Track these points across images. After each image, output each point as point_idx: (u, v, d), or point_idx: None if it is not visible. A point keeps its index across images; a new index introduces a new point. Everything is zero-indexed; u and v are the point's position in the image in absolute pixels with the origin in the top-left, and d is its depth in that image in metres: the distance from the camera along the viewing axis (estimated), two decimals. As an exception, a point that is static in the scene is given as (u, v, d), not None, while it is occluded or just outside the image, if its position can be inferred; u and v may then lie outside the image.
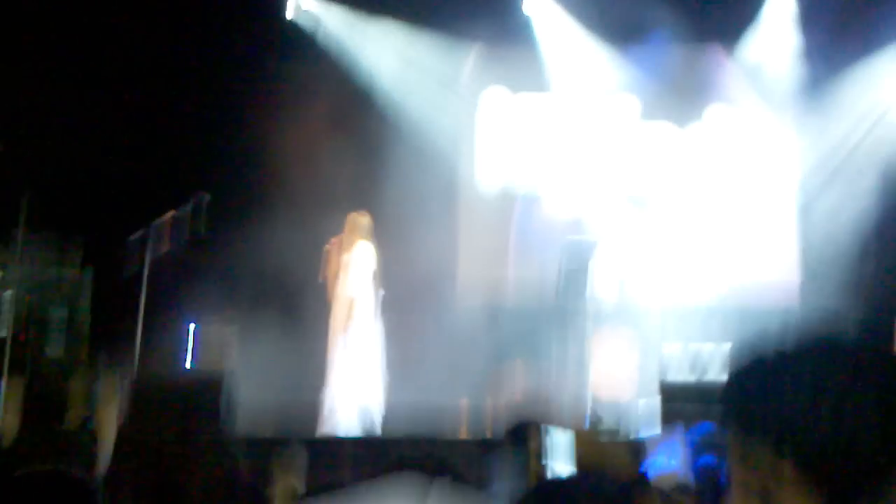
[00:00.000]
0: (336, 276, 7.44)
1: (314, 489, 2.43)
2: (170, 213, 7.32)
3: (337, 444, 6.29)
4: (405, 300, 8.14)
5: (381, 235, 7.93)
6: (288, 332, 7.78)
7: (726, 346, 7.79)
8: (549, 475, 2.22)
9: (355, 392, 7.22)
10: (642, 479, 1.98)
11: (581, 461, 2.03)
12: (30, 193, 7.45)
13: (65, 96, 8.78)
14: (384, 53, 9.52)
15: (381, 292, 7.49)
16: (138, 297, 6.91)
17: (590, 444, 2.07)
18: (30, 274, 7.70)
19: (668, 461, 3.53)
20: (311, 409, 7.30)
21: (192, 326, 8.45)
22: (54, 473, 1.98)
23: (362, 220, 7.49)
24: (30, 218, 7.57)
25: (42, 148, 8.60)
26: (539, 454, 2.18)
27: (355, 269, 7.37)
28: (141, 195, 8.10)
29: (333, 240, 7.47)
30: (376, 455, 5.72)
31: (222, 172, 8.62)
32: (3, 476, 2.15)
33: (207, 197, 7.41)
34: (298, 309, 7.97)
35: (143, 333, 6.82)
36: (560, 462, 2.14)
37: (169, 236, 7.32)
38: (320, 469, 3.13)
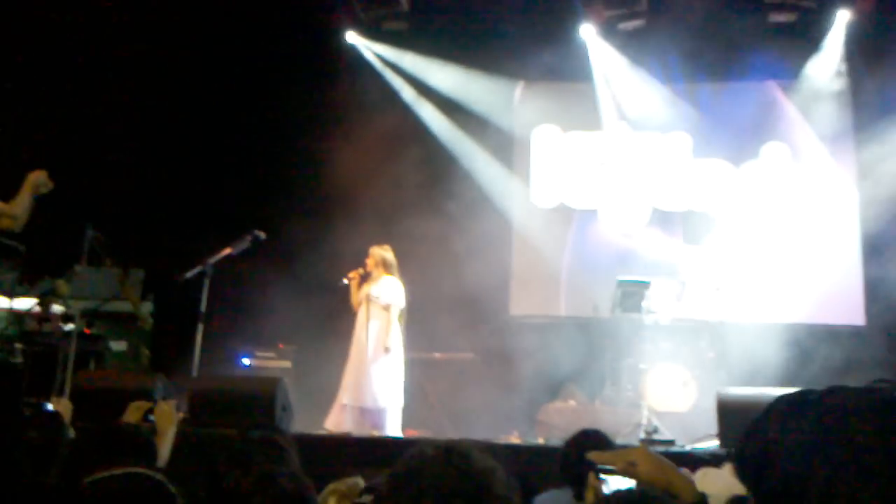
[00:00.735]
0: (359, 307, 7.51)
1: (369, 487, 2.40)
2: (226, 250, 7.42)
3: (387, 445, 6.22)
4: (458, 314, 8.23)
5: (435, 251, 8.07)
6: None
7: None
8: (606, 490, 2.12)
9: (376, 393, 7.25)
10: (703, 499, 1.90)
11: (642, 476, 1.95)
12: (91, 229, 7.68)
13: (124, 133, 9.11)
14: (436, 82, 9.83)
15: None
16: (195, 330, 7.02)
17: (651, 458, 1.98)
18: (91, 308, 7.87)
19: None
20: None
21: (245, 360, 8.58)
22: (135, 476, 1.89)
23: (387, 254, 7.56)
24: (91, 253, 7.81)
25: (102, 184, 8.90)
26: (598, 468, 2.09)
27: (385, 303, 7.44)
28: (199, 230, 8.28)
29: (352, 273, 7.52)
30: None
31: (280, 205, 8.81)
32: (72, 470, 2.16)
33: (262, 235, 7.51)
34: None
35: (199, 365, 6.93)
36: (619, 477, 2.05)
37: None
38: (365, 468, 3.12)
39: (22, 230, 6.08)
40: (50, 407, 4.51)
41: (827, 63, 9.47)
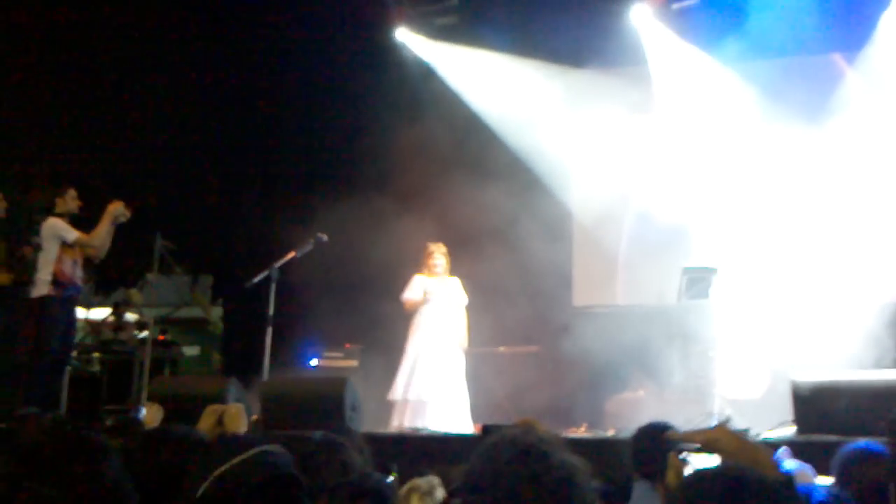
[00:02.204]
0: (422, 305, 7.56)
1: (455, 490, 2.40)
2: (291, 254, 7.54)
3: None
4: (522, 307, 8.22)
5: (496, 245, 8.14)
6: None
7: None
8: (689, 470, 2.03)
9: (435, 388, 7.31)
10: (789, 481, 1.81)
11: (726, 452, 1.88)
12: (160, 239, 7.91)
13: (188, 143, 9.32)
14: (489, 73, 9.82)
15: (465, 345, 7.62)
16: (264, 332, 7.15)
17: (733, 435, 1.90)
18: (164, 315, 8.10)
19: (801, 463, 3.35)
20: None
21: (313, 361, 8.71)
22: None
23: (445, 252, 7.61)
24: (162, 262, 8.04)
25: (170, 195, 9.14)
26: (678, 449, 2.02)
27: (452, 300, 7.49)
28: (265, 235, 8.43)
29: (418, 276, 7.60)
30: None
31: (342, 205, 8.90)
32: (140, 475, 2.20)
33: (325, 237, 7.61)
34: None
35: (269, 367, 7.05)
36: (702, 456, 1.98)
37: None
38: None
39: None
40: (143, 411, 4.62)
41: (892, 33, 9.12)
